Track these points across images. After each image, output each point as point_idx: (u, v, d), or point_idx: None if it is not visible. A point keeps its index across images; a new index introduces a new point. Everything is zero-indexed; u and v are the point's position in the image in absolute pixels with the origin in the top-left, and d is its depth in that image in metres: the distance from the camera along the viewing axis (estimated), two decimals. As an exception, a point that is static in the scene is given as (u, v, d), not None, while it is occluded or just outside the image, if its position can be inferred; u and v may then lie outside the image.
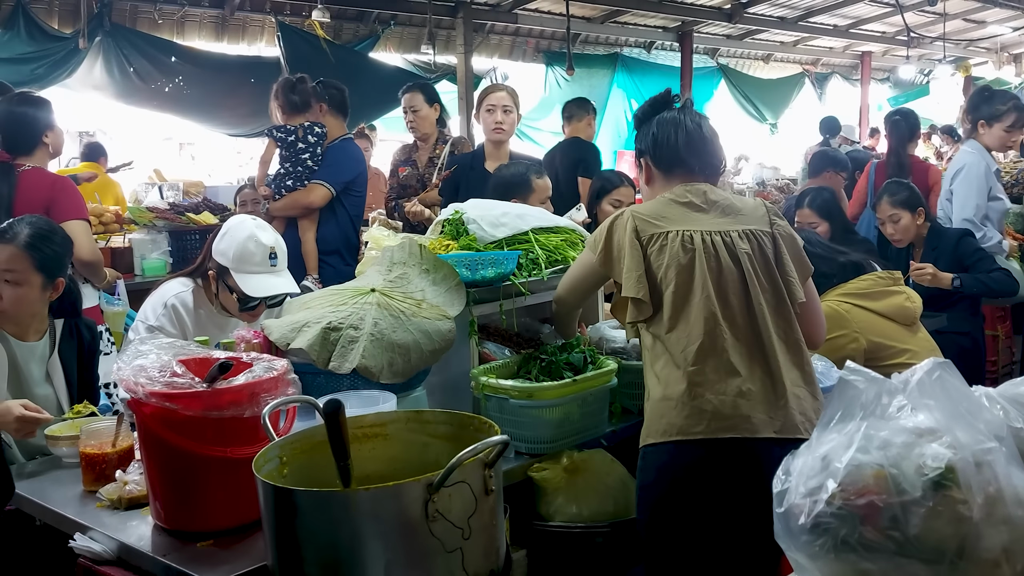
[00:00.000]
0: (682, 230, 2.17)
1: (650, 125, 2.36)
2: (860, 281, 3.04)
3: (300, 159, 4.13)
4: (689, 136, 2.31)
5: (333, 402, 1.50)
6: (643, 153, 2.39)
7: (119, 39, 7.44)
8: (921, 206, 4.07)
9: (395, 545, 1.47)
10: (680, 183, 2.29)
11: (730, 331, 2.09)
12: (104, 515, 1.95)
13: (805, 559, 0.97)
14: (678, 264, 2.13)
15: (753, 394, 2.06)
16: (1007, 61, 16.00)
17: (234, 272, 2.77)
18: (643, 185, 2.43)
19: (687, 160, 2.31)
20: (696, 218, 2.20)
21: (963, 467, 0.90)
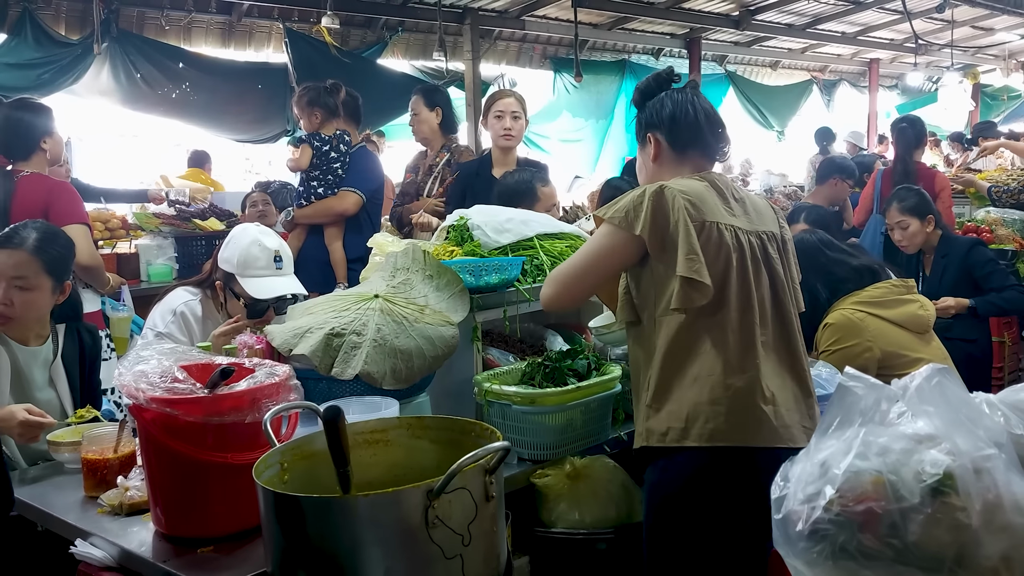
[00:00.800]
0: (729, 225, 2.08)
1: (662, 100, 2.24)
2: (874, 289, 3.02)
3: (332, 167, 4.14)
4: (708, 117, 2.23)
5: (333, 409, 1.50)
6: (653, 128, 2.25)
7: (126, 45, 7.46)
8: (931, 213, 4.05)
9: (395, 551, 1.47)
10: (691, 165, 2.20)
11: (767, 338, 2.06)
12: (105, 521, 1.95)
13: (803, 566, 0.96)
14: (725, 262, 2.04)
15: (790, 403, 2.04)
16: (1015, 68, 15.94)
17: (240, 277, 2.78)
18: (647, 162, 2.29)
19: (707, 140, 2.22)
20: (731, 213, 2.11)
21: (962, 474, 0.89)
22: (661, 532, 2.07)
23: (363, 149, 4.39)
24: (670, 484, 2.04)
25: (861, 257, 3.23)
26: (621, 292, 2.17)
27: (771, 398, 2.00)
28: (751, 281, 2.06)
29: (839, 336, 2.92)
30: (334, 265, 4.14)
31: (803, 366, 2.11)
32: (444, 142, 4.58)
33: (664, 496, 2.06)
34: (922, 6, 11.38)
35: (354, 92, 4.43)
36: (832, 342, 2.92)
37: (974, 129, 9.98)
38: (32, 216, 3.15)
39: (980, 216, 6.03)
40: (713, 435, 1.96)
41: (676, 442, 1.99)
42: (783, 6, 11.37)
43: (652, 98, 2.26)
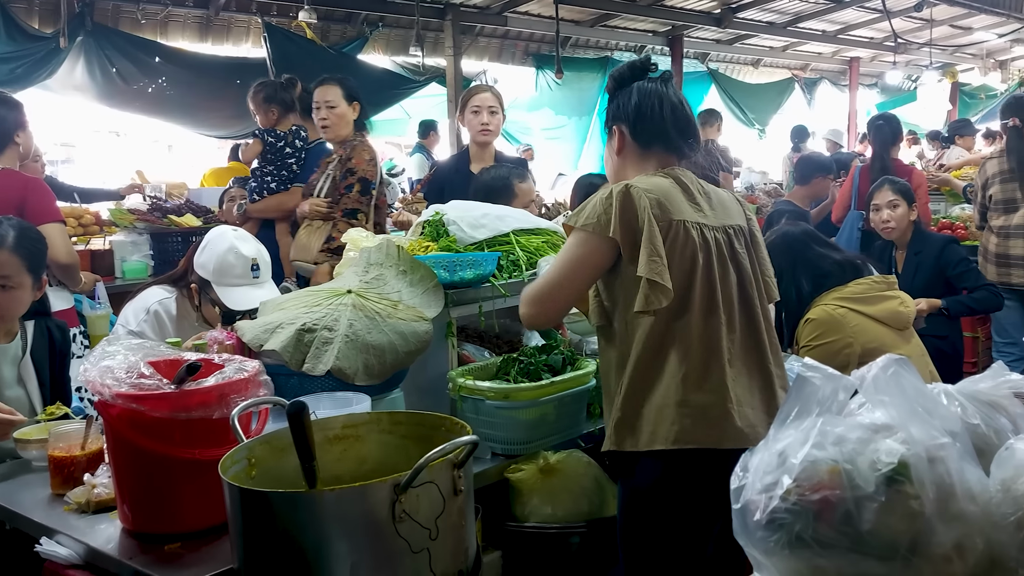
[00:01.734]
0: (695, 223, 2.04)
1: (630, 92, 2.19)
2: (856, 285, 3.03)
3: (286, 163, 4.13)
4: (674, 111, 2.17)
5: (297, 403, 1.49)
6: (619, 120, 2.21)
7: (101, 39, 7.39)
8: (914, 203, 4.13)
9: (361, 546, 1.46)
10: (655, 160, 2.16)
11: (734, 337, 2.04)
12: (71, 519, 1.93)
13: (761, 555, 0.96)
14: (691, 261, 2.01)
15: (756, 403, 2.02)
16: (993, 68, 16.10)
17: (216, 285, 2.75)
18: (611, 154, 2.25)
19: (671, 137, 2.17)
20: (697, 210, 2.08)
21: (916, 463, 0.90)
22: (634, 534, 2.07)
23: (321, 146, 4.38)
24: (641, 487, 2.03)
25: (844, 252, 3.25)
26: (591, 295, 2.15)
27: (737, 399, 1.98)
28: (717, 280, 2.03)
29: (820, 331, 2.93)
30: (284, 261, 4.12)
31: (770, 364, 2.08)
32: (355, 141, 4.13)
33: (635, 498, 2.05)
34: (901, 5, 11.48)
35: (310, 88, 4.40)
36: (813, 337, 2.93)
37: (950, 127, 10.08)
38: (6, 212, 3.10)
39: (955, 213, 6.10)
40: (679, 437, 1.95)
41: (646, 446, 1.98)
42: (764, 4, 11.44)
43: (623, 88, 2.22)
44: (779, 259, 3.15)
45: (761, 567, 1.02)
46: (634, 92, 2.18)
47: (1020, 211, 4.62)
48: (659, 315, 1.99)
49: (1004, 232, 4.67)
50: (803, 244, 3.17)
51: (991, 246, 4.75)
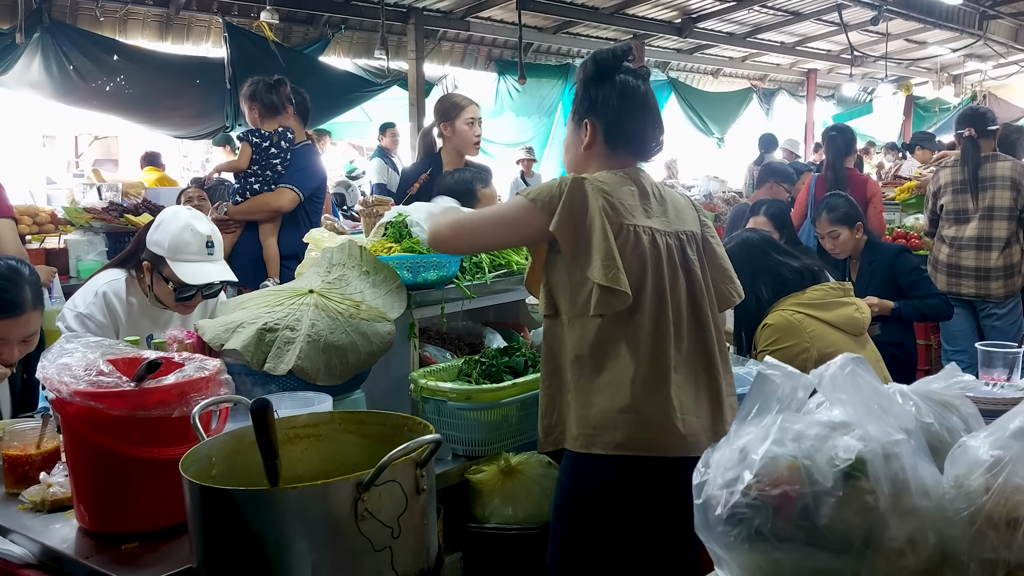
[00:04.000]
0: (647, 227, 2.00)
1: (611, 86, 2.08)
2: (813, 291, 3.08)
3: (271, 163, 4.09)
4: (652, 116, 2.12)
5: (261, 401, 1.48)
6: (594, 115, 2.10)
7: (58, 36, 7.25)
8: (859, 220, 4.15)
9: (323, 544, 1.46)
10: (619, 161, 2.10)
11: (682, 345, 2.00)
12: (26, 518, 1.89)
13: (721, 550, 0.98)
14: (641, 266, 1.97)
15: (702, 412, 2.00)
16: (946, 81, 16.50)
17: (170, 261, 2.71)
18: (576, 147, 2.15)
19: (644, 142, 2.12)
20: (650, 214, 2.04)
21: (872, 459, 0.92)
22: (567, 536, 2.03)
23: (307, 147, 4.35)
24: (576, 490, 2.00)
25: (803, 259, 3.30)
26: (542, 286, 2.10)
27: (681, 407, 1.95)
28: (667, 286, 2.00)
29: (777, 336, 2.97)
30: (267, 262, 4.09)
31: (718, 373, 2.05)
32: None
33: (575, 497, 2.01)
34: (858, 18, 11.70)
35: (301, 90, 4.38)
36: (770, 342, 2.98)
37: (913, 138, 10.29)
38: None
39: (909, 223, 6.23)
40: (621, 444, 1.93)
41: (584, 448, 1.95)
42: (724, 15, 11.60)
43: (604, 80, 2.10)
44: (739, 266, 3.19)
45: (721, 562, 1.04)
46: (616, 89, 2.09)
47: (972, 223, 4.71)
48: (607, 317, 1.95)
49: (956, 243, 4.77)
50: (762, 251, 3.21)
51: (942, 256, 4.84)
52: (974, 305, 4.77)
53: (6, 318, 2.25)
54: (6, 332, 2.26)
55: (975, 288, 4.70)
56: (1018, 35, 13.02)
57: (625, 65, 2.12)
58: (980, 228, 4.67)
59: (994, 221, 4.64)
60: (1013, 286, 4.69)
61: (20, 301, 2.25)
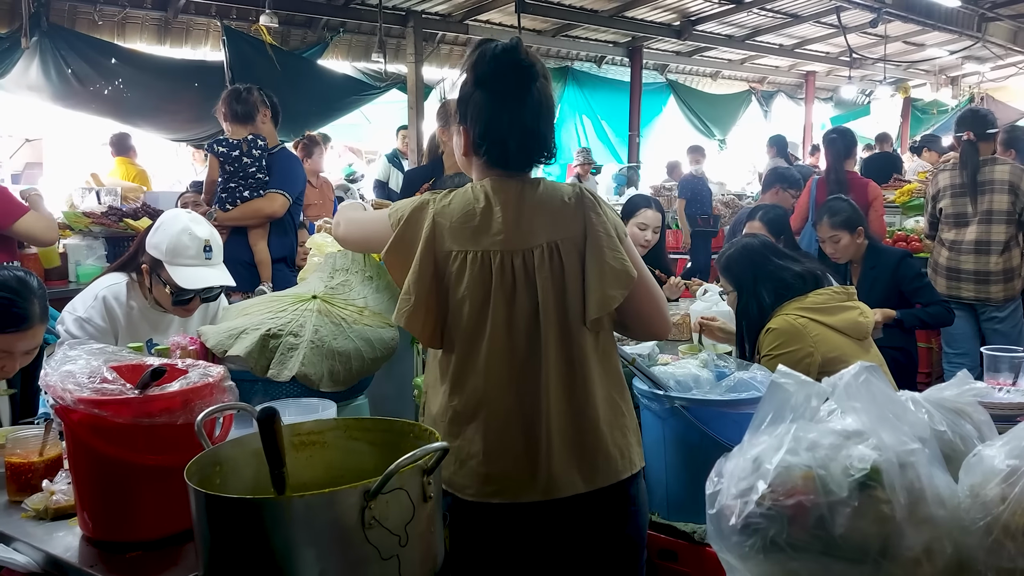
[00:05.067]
0: (482, 251, 1.81)
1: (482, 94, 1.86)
2: (817, 295, 3.06)
3: (248, 172, 4.09)
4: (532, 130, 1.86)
5: (268, 409, 1.47)
6: (462, 121, 1.90)
7: (57, 40, 7.27)
8: (860, 225, 4.13)
9: (330, 553, 1.45)
10: (493, 171, 1.89)
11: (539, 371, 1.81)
12: (29, 526, 1.88)
13: (735, 559, 0.97)
14: (472, 296, 1.81)
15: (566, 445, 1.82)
16: (944, 83, 16.53)
17: (168, 265, 2.70)
18: (456, 150, 1.98)
19: (520, 161, 1.88)
20: (504, 227, 1.82)
21: (888, 468, 0.92)
22: None
23: (283, 151, 4.38)
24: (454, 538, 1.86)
25: (804, 263, 3.28)
26: None
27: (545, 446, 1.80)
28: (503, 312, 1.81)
29: (781, 341, 2.95)
30: (259, 265, 4.10)
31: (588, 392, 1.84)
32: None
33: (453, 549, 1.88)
34: (857, 21, 11.72)
35: (272, 95, 4.39)
36: (774, 347, 2.96)
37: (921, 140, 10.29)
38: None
39: (910, 225, 6.22)
40: (478, 491, 1.82)
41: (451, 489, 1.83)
42: (723, 17, 11.61)
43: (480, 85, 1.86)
44: (740, 271, 3.20)
45: (734, 571, 1.03)
46: (485, 100, 1.85)
47: (971, 226, 4.71)
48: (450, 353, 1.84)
49: (956, 247, 4.76)
50: (763, 256, 3.20)
51: (942, 259, 4.84)
52: (975, 308, 4.77)
53: (14, 332, 2.23)
54: (11, 345, 2.25)
55: (975, 292, 4.69)
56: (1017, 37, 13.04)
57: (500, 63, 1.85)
58: (979, 232, 4.67)
59: (992, 225, 4.64)
60: (1013, 289, 4.69)
61: (29, 315, 2.24)
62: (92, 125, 8.42)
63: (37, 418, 2.49)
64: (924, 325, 4.11)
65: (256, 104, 4.15)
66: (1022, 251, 4.71)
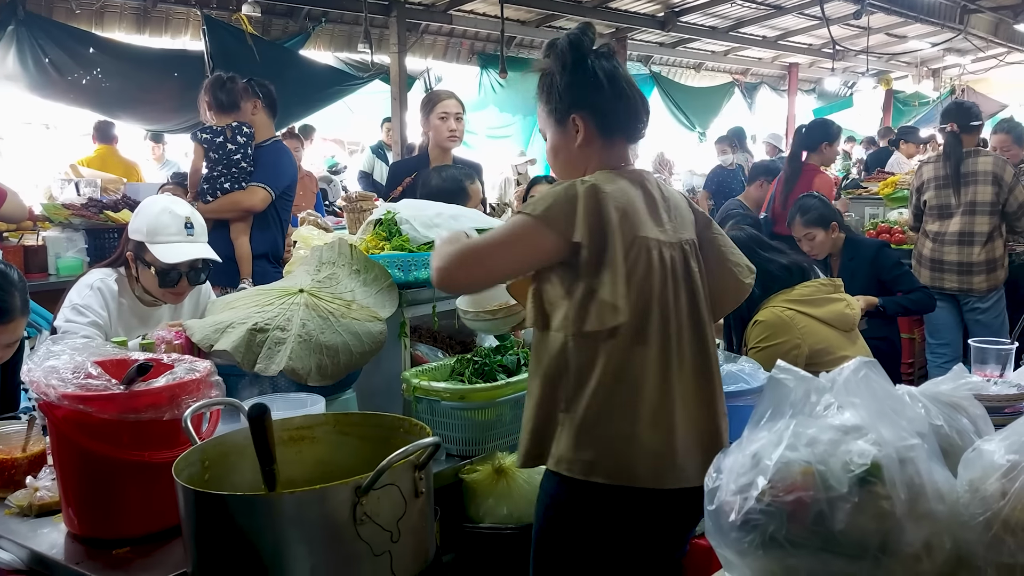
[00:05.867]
0: (656, 240, 1.86)
1: (589, 73, 1.90)
2: (804, 288, 3.08)
3: (232, 160, 4.02)
4: (638, 94, 1.96)
5: (258, 406, 1.46)
6: (580, 108, 1.92)
7: (34, 29, 7.15)
8: (834, 220, 4.15)
9: (322, 549, 1.44)
10: (617, 151, 1.95)
11: (684, 370, 1.87)
12: (12, 522, 1.85)
13: (734, 555, 0.97)
14: (649, 284, 1.84)
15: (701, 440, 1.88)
16: (926, 76, 16.61)
17: (150, 244, 2.68)
18: (567, 147, 1.97)
19: (636, 123, 1.96)
20: (659, 223, 1.89)
21: (888, 463, 0.92)
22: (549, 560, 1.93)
23: (276, 144, 4.29)
24: (563, 516, 1.88)
25: (791, 255, 3.29)
26: (530, 296, 1.92)
27: (681, 437, 1.84)
28: (671, 306, 1.86)
29: (768, 333, 2.97)
30: (239, 261, 4.03)
31: (717, 393, 1.94)
32: None
33: (554, 527, 1.91)
34: (839, 12, 11.75)
35: (269, 84, 4.32)
36: (761, 339, 2.97)
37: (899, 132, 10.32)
38: None
39: (893, 217, 6.26)
40: (620, 474, 1.81)
41: (577, 474, 1.82)
42: (707, 8, 11.61)
43: (579, 68, 1.91)
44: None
45: (732, 567, 1.02)
46: (598, 74, 1.91)
47: (955, 218, 4.73)
48: (618, 341, 1.81)
49: (939, 239, 4.79)
50: (749, 249, 3.19)
51: (925, 251, 4.87)
52: (957, 299, 4.80)
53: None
54: None
55: (958, 283, 4.73)
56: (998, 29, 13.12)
57: (594, 49, 1.95)
58: (962, 223, 4.69)
59: (976, 216, 4.66)
60: (996, 280, 4.72)
61: (9, 308, 2.20)
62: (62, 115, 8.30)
63: (18, 413, 2.46)
64: (906, 312, 4.13)
65: (240, 93, 4.08)
66: (1005, 242, 4.74)
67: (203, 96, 4.12)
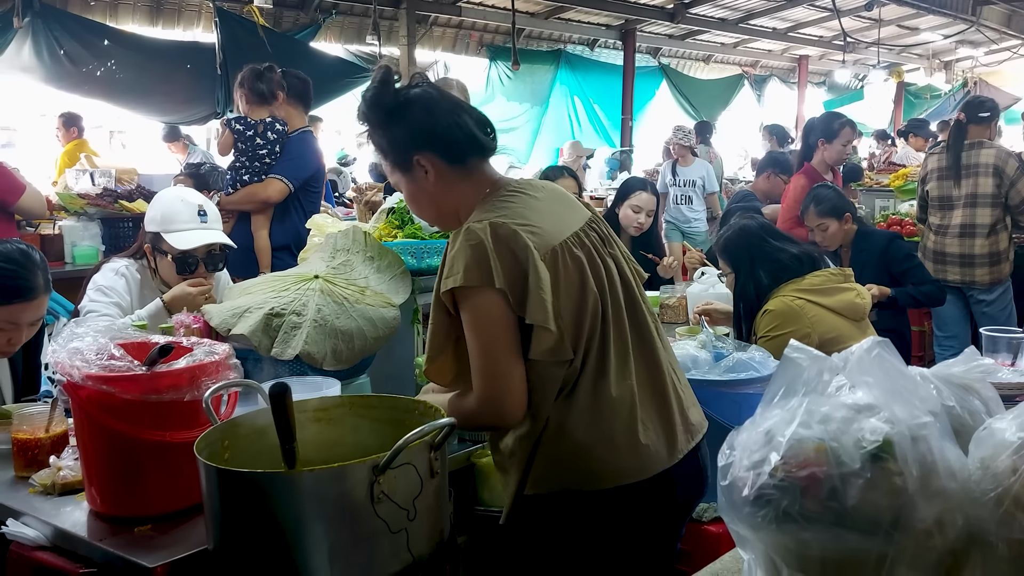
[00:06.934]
0: (564, 240, 1.77)
1: (409, 110, 1.80)
2: (814, 277, 3.08)
3: (257, 154, 4.06)
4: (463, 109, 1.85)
5: (280, 384, 1.49)
6: (416, 149, 1.80)
7: (49, 20, 7.21)
8: (847, 211, 4.14)
9: (340, 526, 1.47)
10: (478, 172, 1.85)
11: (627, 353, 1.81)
12: (37, 501, 1.89)
13: (747, 530, 0.99)
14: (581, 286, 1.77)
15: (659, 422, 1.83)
16: (938, 68, 16.54)
17: (164, 234, 2.74)
18: (422, 190, 1.86)
19: (481, 140, 1.84)
20: (554, 217, 1.81)
21: (900, 441, 0.93)
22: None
23: (306, 134, 4.29)
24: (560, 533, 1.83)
25: (801, 244, 3.30)
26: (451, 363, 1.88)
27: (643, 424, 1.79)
28: (607, 296, 1.80)
29: (778, 323, 2.97)
30: (258, 253, 4.06)
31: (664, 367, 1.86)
32: None
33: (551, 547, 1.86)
34: (851, 4, 11.71)
35: (303, 75, 4.34)
36: (771, 328, 2.98)
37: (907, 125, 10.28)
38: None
39: (904, 209, 6.25)
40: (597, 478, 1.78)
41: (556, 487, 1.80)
42: (717, 0, 11.57)
43: (398, 111, 1.81)
44: (737, 253, 3.22)
45: (745, 543, 1.05)
46: (418, 108, 1.80)
47: (957, 210, 4.72)
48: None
49: (942, 231, 4.78)
50: (760, 238, 3.22)
51: (928, 243, 4.86)
52: (963, 292, 4.80)
53: (20, 302, 2.25)
54: (17, 316, 2.26)
55: (960, 275, 4.72)
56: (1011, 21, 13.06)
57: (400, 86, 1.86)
58: (964, 215, 4.68)
59: (977, 208, 4.65)
60: (1000, 272, 4.70)
61: (33, 286, 2.25)
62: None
63: (40, 396, 2.50)
64: (917, 303, 4.12)
65: (276, 84, 4.11)
66: (1010, 235, 4.73)
67: (238, 88, 4.14)
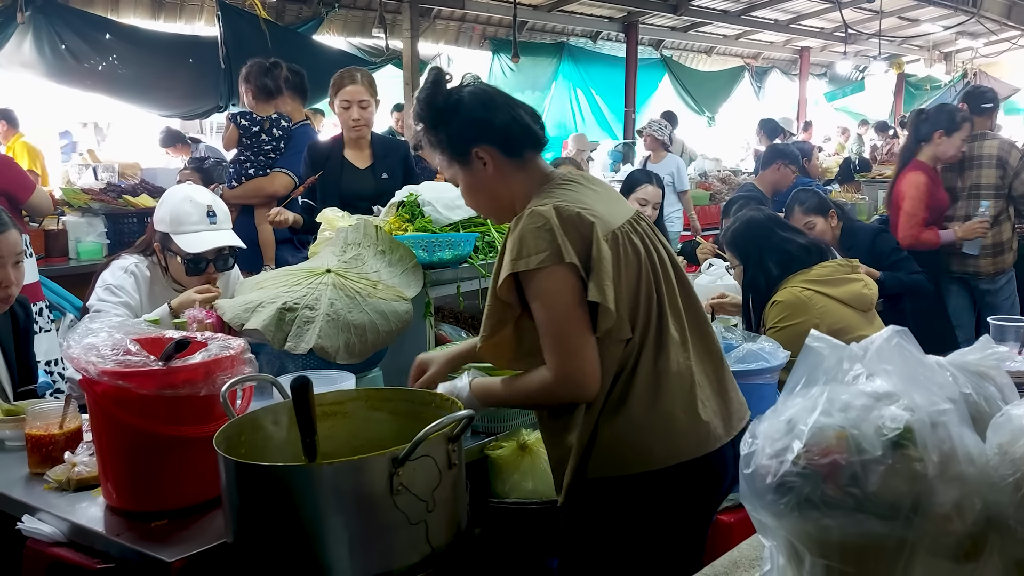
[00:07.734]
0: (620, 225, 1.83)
1: (464, 108, 1.87)
2: (821, 268, 3.09)
3: (262, 149, 4.08)
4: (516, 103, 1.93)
5: (301, 378, 1.51)
6: (476, 143, 1.86)
7: (51, 15, 7.22)
8: (832, 208, 4.15)
9: (360, 518, 1.48)
10: (532, 165, 1.92)
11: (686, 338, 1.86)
12: (52, 497, 1.90)
13: (770, 517, 1.00)
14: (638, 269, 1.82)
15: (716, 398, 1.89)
16: (938, 59, 16.52)
17: (174, 235, 2.73)
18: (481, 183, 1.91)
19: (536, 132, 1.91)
20: (609, 205, 1.87)
21: (920, 427, 0.94)
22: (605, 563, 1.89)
23: (305, 128, 4.32)
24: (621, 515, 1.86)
25: (809, 235, 3.31)
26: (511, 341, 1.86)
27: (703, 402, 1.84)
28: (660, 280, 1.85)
29: (787, 313, 2.99)
30: (263, 246, 4.08)
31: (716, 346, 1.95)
32: None
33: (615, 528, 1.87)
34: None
35: (298, 68, 4.36)
36: (780, 319, 2.99)
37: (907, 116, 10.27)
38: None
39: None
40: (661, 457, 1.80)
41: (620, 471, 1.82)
42: (719, -8, 11.57)
43: (451, 108, 1.88)
44: (745, 244, 3.23)
45: (767, 530, 1.06)
46: (474, 105, 1.87)
47: (960, 201, 4.73)
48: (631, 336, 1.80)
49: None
50: (768, 229, 3.23)
51: None
52: (968, 282, 4.80)
53: None
54: None
55: (962, 265, 4.73)
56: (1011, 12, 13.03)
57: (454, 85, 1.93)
58: (968, 206, 4.69)
59: (980, 200, 4.66)
60: (1003, 263, 4.71)
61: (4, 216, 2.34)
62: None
63: (38, 387, 2.51)
64: (904, 289, 4.10)
65: (280, 80, 4.12)
66: (1013, 225, 4.74)
67: (244, 84, 4.15)
